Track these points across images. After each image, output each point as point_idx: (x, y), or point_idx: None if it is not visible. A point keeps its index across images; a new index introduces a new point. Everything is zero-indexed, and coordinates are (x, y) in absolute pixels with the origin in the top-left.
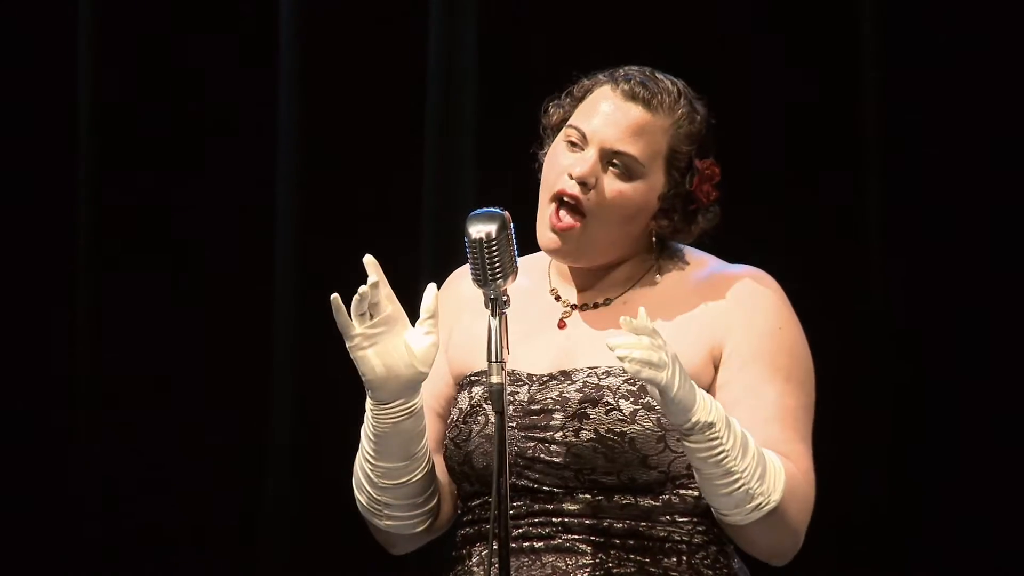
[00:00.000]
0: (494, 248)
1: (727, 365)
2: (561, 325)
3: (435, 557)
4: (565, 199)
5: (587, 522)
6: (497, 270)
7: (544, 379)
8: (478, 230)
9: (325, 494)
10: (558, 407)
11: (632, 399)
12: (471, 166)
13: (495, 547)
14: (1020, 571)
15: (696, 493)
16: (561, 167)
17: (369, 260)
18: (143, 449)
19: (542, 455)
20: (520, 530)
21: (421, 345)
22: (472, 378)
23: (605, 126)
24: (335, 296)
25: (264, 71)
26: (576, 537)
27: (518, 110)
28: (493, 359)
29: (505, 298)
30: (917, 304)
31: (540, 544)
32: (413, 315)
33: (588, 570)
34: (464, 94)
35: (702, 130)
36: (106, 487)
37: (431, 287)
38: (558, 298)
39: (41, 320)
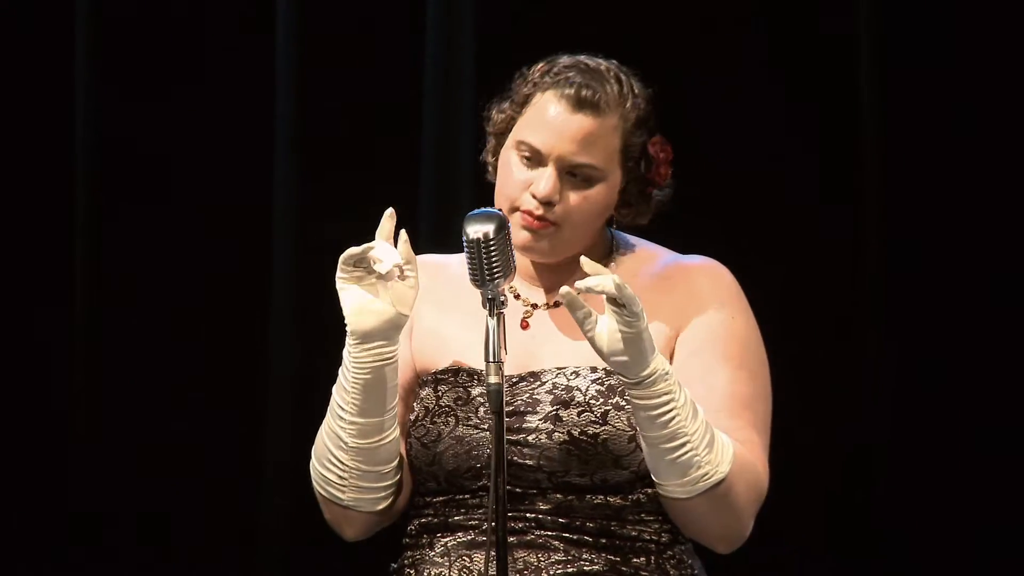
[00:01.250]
0: (492, 248)
1: (678, 353)
2: (524, 325)
3: None
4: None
5: (560, 520)
6: (496, 270)
7: (513, 380)
8: (476, 230)
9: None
10: (529, 409)
11: (602, 399)
12: (468, 164)
13: (493, 545)
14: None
15: None
16: (519, 181)
17: (389, 214)
18: (143, 449)
19: (515, 458)
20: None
21: (401, 288)
22: (438, 376)
23: (558, 141)
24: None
25: (261, 71)
26: (549, 534)
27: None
28: (491, 359)
29: (503, 298)
30: (912, 298)
31: (512, 539)
32: None
33: (561, 567)
34: (462, 92)
35: (648, 112)
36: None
37: (402, 234)
38: (517, 296)
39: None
